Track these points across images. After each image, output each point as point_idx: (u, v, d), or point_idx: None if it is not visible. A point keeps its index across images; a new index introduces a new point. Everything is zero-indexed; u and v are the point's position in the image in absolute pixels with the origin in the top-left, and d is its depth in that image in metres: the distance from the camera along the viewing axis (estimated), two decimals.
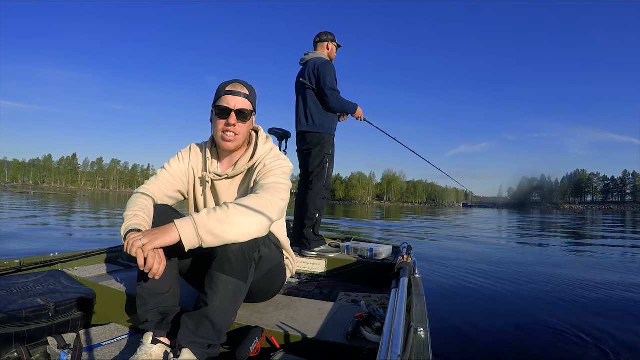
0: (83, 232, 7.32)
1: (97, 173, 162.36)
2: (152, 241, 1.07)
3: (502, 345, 2.21)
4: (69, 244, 5.53)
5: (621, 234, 12.30)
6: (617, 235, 11.40)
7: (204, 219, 1.11)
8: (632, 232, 13.46)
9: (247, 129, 1.46)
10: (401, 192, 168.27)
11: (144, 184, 1.49)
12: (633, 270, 4.94)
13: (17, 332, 1.26)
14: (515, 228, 14.46)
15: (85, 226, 8.44)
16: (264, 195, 1.25)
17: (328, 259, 2.52)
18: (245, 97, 1.42)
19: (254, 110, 1.47)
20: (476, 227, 14.26)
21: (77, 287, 1.59)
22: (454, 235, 10.05)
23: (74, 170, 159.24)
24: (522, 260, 5.74)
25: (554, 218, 27.85)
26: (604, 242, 9.19)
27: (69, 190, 73.61)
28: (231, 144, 1.43)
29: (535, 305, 3.06)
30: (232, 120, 1.39)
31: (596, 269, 4.86)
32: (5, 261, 1.70)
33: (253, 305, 1.55)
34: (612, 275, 4.45)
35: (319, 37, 3.02)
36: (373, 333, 1.21)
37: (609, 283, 3.96)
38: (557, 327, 2.48)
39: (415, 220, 18.15)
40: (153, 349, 1.19)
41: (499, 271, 4.50)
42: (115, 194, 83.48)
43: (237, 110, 1.39)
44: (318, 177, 2.80)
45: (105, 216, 11.97)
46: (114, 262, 2.15)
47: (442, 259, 5.26)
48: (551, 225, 16.47)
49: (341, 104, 2.82)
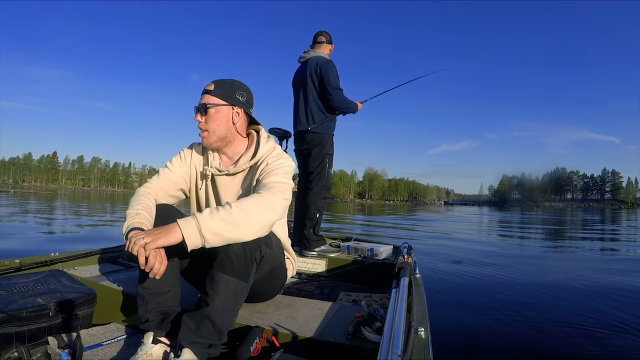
0: (63, 227, 7.32)
1: (77, 171, 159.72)
2: (155, 240, 1.06)
3: (503, 345, 2.21)
4: (45, 243, 5.40)
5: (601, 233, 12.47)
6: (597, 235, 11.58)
7: (206, 219, 1.10)
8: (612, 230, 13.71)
9: (216, 123, 1.41)
10: (383, 190, 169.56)
11: (146, 182, 1.48)
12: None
13: (17, 331, 1.26)
14: (497, 228, 14.66)
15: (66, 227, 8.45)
16: (266, 194, 1.24)
17: (328, 258, 2.52)
18: (208, 92, 1.41)
19: (228, 103, 1.41)
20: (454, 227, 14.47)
21: (77, 286, 1.59)
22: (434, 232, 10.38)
23: (54, 169, 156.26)
24: (521, 258, 5.75)
25: (534, 215, 28.64)
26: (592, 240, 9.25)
27: (50, 189, 72.46)
28: (204, 140, 1.45)
29: (535, 304, 3.06)
30: (196, 118, 1.42)
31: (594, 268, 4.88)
32: (5, 261, 1.70)
33: (254, 305, 1.54)
34: (610, 275, 4.46)
35: (324, 37, 2.97)
36: (373, 333, 1.21)
37: (609, 283, 3.97)
38: (559, 325, 2.48)
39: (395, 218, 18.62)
40: (154, 348, 1.19)
41: (499, 271, 4.50)
42: (97, 192, 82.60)
43: (199, 105, 1.42)
44: (318, 178, 2.79)
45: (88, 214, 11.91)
46: (115, 262, 2.15)
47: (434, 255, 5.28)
48: (539, 222, 16.67)
49: (345, 102, 2.80)
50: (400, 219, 17.57)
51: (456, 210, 42.06)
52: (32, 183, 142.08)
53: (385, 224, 13.19)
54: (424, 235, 9.55)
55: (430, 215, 23.00)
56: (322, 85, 2.76)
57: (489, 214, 29.28)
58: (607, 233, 12.09)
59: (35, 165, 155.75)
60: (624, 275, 4.42)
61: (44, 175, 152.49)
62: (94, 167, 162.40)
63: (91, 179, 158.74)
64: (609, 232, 12.42)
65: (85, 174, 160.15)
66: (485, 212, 34.84)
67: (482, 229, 13.02)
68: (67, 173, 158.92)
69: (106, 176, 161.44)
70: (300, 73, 2.92)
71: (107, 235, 6.72)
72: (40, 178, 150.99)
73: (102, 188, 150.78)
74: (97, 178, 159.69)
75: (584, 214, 37.84)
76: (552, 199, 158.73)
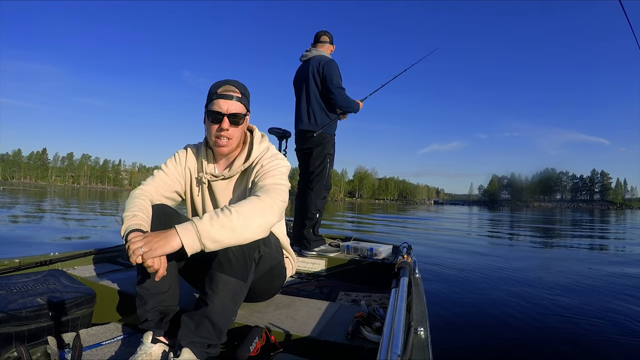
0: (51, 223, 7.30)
1: (67, 168, 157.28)
2: (153, 250, 1.05)
3: (502, 344, 2.21)
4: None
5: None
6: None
7: (206, 226, 1.09)
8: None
9: (241, 132, 1.43)
10: (373, 189, 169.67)
11: (140, 184, 1.46)
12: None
13: (17, 331, 1.26)
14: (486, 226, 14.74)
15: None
16: (264, 197, 1.23)
17: (328, 258, 2.52)
18: (237, 99, 1.37)
19: (247, 111, 1.43)
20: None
21: (77, 286, 1.59)
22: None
23: (44, 166, 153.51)
24: (521, 258, 5.75)
25: (524, 215, 28.72)
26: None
27: (39, 186, 71.99)
28: (225, 148, 1.41)
29: (535, 303, 3.06)
30: (224, 125, 1.35)
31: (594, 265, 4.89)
32: (5, 260, 1.70)
33: (253, 305, 1.54)
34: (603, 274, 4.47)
35: (325, 36, 2.95)
36: (373, 333, 1.21)
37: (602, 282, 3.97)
38: (557, 326, 2.48)
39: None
40: (153, 348, 1.19)
41: (498, 271, 4.50)
42: (86, 189, 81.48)
43: (229, 114, 1.35)
44: (319, 177, 2.78)
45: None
46: (114, 262, 2.15)
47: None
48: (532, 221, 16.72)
49: (347, 102, 2.79)
50: (392, 216, 17.77)
51: (446, 209, 42.30)
52: (21, 180, 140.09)
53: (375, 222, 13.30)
54: (418, 232, 9.59)
55: (422, 214, 23.09)
56: (324, 84, 2.75)
57: (478, 214, 29.43)
58: (596, 231, 12.27)
59: (24, 162, 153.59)
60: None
61: (34, 172, 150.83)
62: (83, 164, 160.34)
63: (81, 176, 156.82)
64: (598, 230, 12.60)
65: (75, 171, 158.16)
66: (474, 211, 34.94)
67: (473, 228, 13.04)
68: (57, 170, 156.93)
69: (96, 173, 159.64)
70: (302, 72, 2.90)
71: (103, 238, 6.71)
72: (29, 175, 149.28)
73: (91, 185, 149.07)
74: (86, 175, 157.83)
75: (573, 214, 38.20)
76: (542, 199, 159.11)
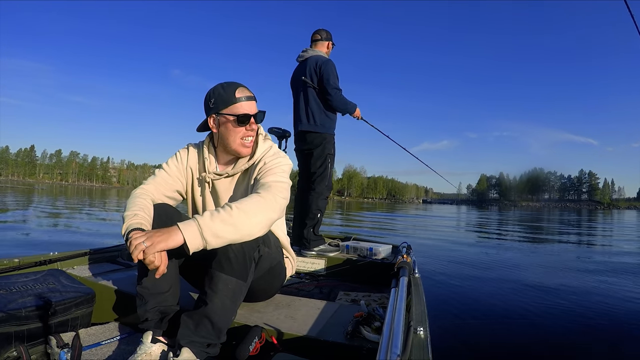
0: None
1: (55, 165, 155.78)
2: (155, 245, 1.05)
3: (502, 344, 2.22)
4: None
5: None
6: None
7: (208, 221, 1.09)
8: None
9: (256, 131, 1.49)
10: (362, 188, 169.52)
11: (142, 183, 1.46)
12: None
13: (16, 331, 1.26)
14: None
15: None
16: (265, 194, 1.24)
17: (328, 258, 2.52)
18: (255, 99, 1.44)
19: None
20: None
21: (76, 286, 1.59)
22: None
23: (31, 163, 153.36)
24: (520, 258, 5.75)
25: (511, 214, 29.13)
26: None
27: (27, 183, 71.61)
28: (249, 149, 1.45)
29: (534, 303, 3.07)
30: (254, 126, 1.42)
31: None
32: (4, 260, 1.70)
33: (253, 305, 1.54)
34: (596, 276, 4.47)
35: (320, 35, 2.95)
36: (373, 332, 1.21)
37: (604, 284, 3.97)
38: (557, 326, 2.48)
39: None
40: (152, 348, 1.19)
41: (497, 271, 4.51)
42: (74, 187, 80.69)
43: (256, 114, 1.42)
44: (321, 178, 2.78)
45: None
46: (114, 261, 2.15)
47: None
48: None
49: (344, 103, 2.79)
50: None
51: (435, 208, 42.49)
52: (9, 177, 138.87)
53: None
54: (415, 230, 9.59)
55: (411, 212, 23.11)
56: (321, 85, 2.75)
57: (466, 213, 29.50)
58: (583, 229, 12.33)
59: (12, 158, 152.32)
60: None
61: (21, 169, 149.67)
62: (72, 162, 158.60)
63: (69, 174, 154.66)
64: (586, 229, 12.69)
65: (63, 168, 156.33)
66: (463, 210, 35.05)
67: (465, 228, 13.12)
68: (45, 167, 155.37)
69: (84, 171, 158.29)
70: (300, 72, 2.89)
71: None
72: (17, 172, 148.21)
73: (80, 183, 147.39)
74: (75, 172, 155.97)
75: (561, 213, 38.35)
76: (530, 198, 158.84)
